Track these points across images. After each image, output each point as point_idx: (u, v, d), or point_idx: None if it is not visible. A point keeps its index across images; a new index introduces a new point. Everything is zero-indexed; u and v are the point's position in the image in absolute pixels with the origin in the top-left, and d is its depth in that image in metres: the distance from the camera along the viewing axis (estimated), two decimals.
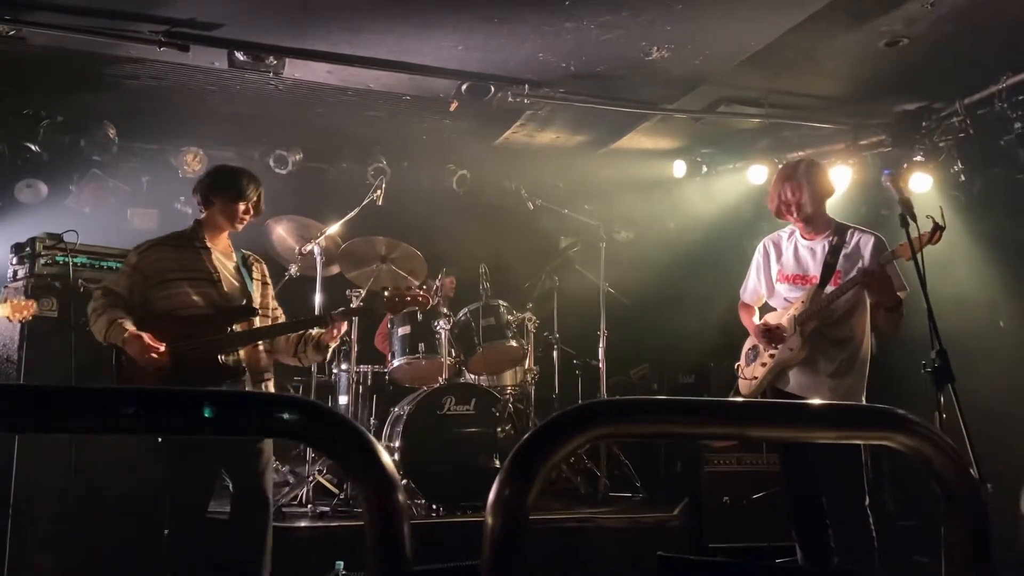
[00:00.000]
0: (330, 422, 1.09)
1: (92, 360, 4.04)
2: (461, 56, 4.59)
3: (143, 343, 3.18)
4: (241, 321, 3.45)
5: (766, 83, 5.05)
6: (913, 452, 1.24)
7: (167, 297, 3.36)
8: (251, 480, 3.36)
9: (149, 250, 3.43)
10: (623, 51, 4.48)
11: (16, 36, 4.26)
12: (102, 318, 3.27)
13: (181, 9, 4.05)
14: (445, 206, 6.55)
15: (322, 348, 3.63)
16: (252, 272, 3.65)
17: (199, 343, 3.32)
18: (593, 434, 1.18)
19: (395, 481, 1.06)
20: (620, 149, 6.26)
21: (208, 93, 5.22)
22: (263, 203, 3.65)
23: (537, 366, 5.79)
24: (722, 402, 1.29)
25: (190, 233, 3.54)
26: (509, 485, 1.10)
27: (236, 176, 3.55)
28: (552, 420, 1.15)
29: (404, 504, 1.04)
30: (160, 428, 1.06)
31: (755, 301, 3.88)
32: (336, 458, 1.18)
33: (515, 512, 1.08)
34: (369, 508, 1.05)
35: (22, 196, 5.66)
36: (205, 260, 3.47)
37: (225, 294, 3.45)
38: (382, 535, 1.04)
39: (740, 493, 4.97)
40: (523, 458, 1.12)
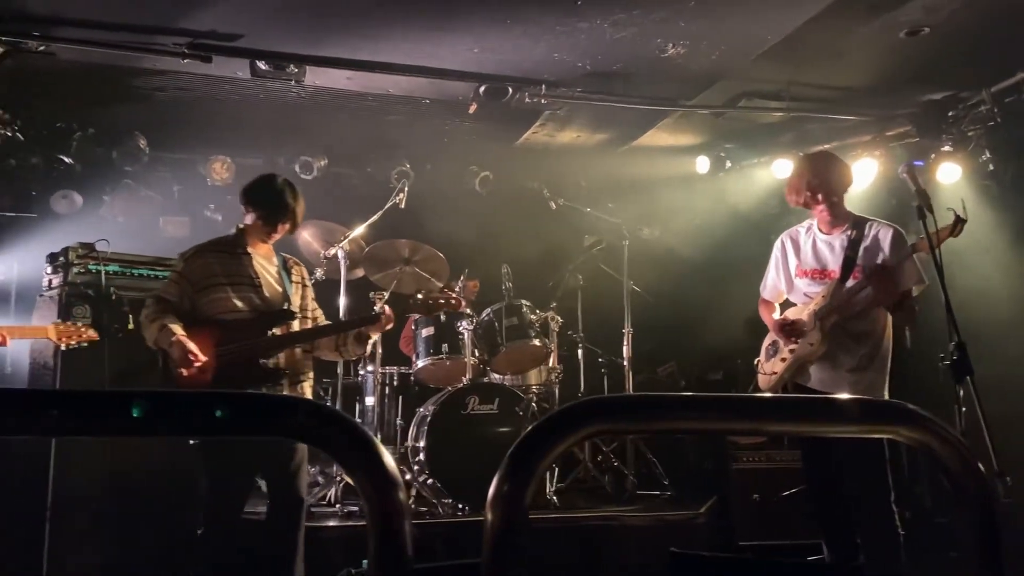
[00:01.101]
0: (331, 422, 1.12)
1: (125, 366, 4.16)
2: (477, 58, 4.62)
3: (185, 348, 3.26)
4: (280, 325, 3.54)
5: (787, 76, 5.01)
6: (920, 446, 1.24)
7: (211, 302, 3.45)
8: (285, 481, 3.42)
9: (194, 256, 3.52)
10: (638, 49, 4.47)
11: (46, 52, 4.39)
12: (153, 324, 3.36)
13: (202, 21, 4.15)
14: (468, 207, 6.59)
15: (363, 340, 3.72)
16: (291, 275, 3.74)
17: (242, 347, 3.40)
18: (590, 431, 1.20)
19: (396, 480, 1.08)
20: (641, 146, 6.24)
21: (233, 102, 5.32)
22: (301, 215, 3.73)
23: (561, 365, 5.80)
24: (720, 397, 1.30)
25: (233, 239, 3.63)
26: (507, 482, 1.12)
27: (276, 188, 3.63)
28: (548, 418, 1.17)
29: (405, 502, 1.07)
30: (171, 430, 1.10)
31: (775, 297, 3.86)
32: (338, 457, 1.21)
33: (513, 508, 1.10)
34: (371, 507, 1.07)
35: (58, 207, 5.82)
36: (247, 265, 3.56)
37: (266, 298, 3.53)
38: (383, 533, 1.07)
39: (770, 490, 4.92)
40: (521, 455, 1.14)
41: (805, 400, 1.87)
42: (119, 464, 4.08)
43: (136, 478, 4.10)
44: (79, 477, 4.01)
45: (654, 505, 5.16)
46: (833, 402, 1.47)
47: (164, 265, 4.48)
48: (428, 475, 4.73)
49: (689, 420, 1.28)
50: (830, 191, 3.53)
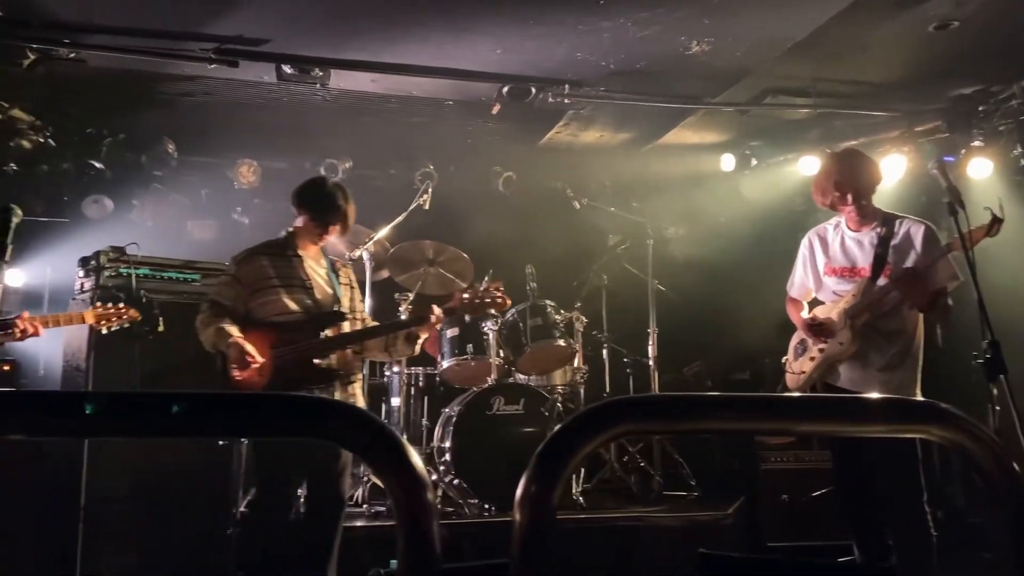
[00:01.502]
0: (360, 423, 1.12)
1: (155, 367, 4.22)
2: (500, 59, 4.63)
3: (242, 350, 3.30)
4: (332, 326, 3.57)
5: (813, 72, 4.96)
6: (953, 445, 1.23)
7: (264, 304, 3.49)
8: (328, 481, 3.46)
9: (246, 259, 3.56)
10: (662, 47, 4.46)
11: (76, 59, 4.47)
12: (209, 327, 3.40)
13: (228, 26, 4.19)
14: (491, 208, 6.60)
15: (413, 340, 3.74)
16: (340, 277, 3.77)
17: (297, 348, 3.44)
18: (618, 431, 1.19)
19: (424, 480, 1.08)
20: (666, 145, 6.21)
21: (259, 106, 5.38)
22: (352, 217, 3.77)
23: (586, 365, 5.79)
24: (751, 397, 1.28)
25: (283, 242, 3.67)
26: (535, 482, 1.12)
27: (328, 190, 3.68)
28: (575, 418, 1.17)
29: (434, 502, 1.07)
30: (204, 431, 1.12)
31: (803, 296, 3.81)
32: (367, 458, 1.22)
33: (542, 508, 1.10)
34: (399, 507, 1.07)
35: (89, 211, 5.91)
36: (298, 268, 3.60)
37: (318, 300, 3.57)
38: (412, 533, 1.07)
39: (799, 491, 4.88)
40: (549, 455, 1.14)
41: (837, 400, 1.84)
42: (150, 464, 4.12)
43: (167, 478, 4.14)
44: (112, 477, 4.06)
45: (681, 506, 5.14)
46: (865, 402, 1.46)
47: (193, 268, 4.54)
48: (454, 475, 4.74)
49: (719, 420, 1.27)
50: (858, 191, 3.47)
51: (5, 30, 4.16)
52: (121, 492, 4.08)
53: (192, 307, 4.38)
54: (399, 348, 3.76)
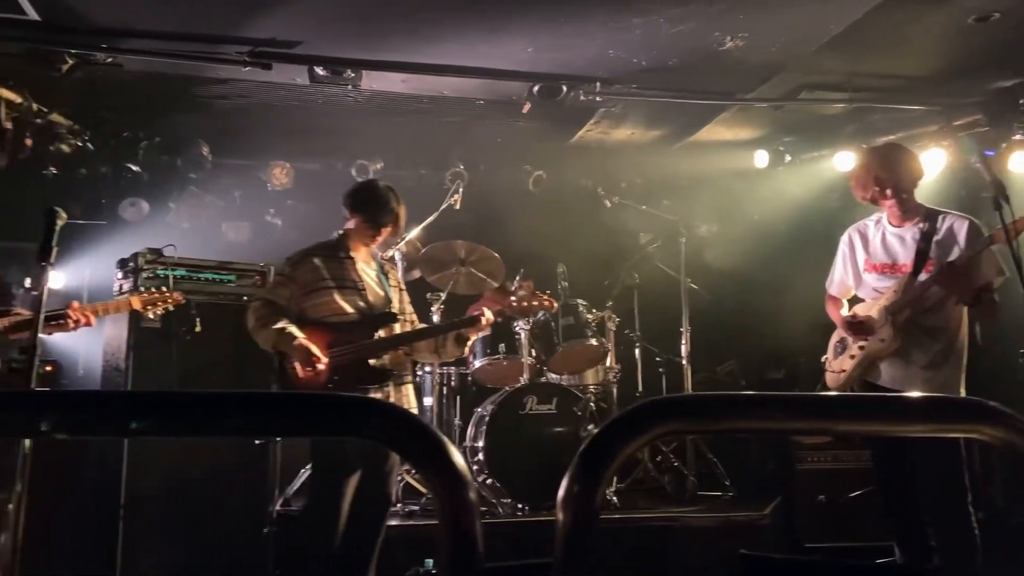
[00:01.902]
0: (403, 423, 1.12)
1: (193, 367, 4.27)
2: (531, 58, 4.61)
3: (309, 353, 3.34)
4: (385, 327, 3.61)
5: (849, 66, 4.88)
6: (1004, 445, 1.19)
7: (318, 305, 3.52)
8: (378, 480, 3.49)
9: (301, 261, 3.60)
10: (695, 43, 4.41)
11: (113, 63, 4.53)
12: (269, 327, 3.41)
13: (262, 29, 4.23)
14: (522, 207, 6.60)
15: (462, 342, 3.78)
16: (389, 279, 3.82)
17: (353, 348, 3.47)
18: (661, 430, 1.18)
19: (466, 478, 1.07)
20: (698, 142, 6.15)
21: (292, 108, 5.42)
22: (404, 219, 3.81)
23: (619, 364, 5.76)
24: (796, 396, 1.26)
25: (336, 243, 3.70)
26: (578, 482, 1.10)
27: (380, 195, 3.71)
28: (620, 417, 1.15)
29: (476, 501, 1.06)
30: (252, 430, 1.13)
31: (843, 293, 3.75)
32: (409, 457, 1.22)
33: (585, 508, 1.09)
34: (441, 505, 1.07)
35: (126, 214, 6.00)
36: (350, 269, 3.64)
37: (370, 302, 3.62)
38: (454, 532, 1.06)
39: (836, 491, 4.82)
40: (592, 455, 1.13)
41: (884, 399, 1.80)
42: (188, 463, 4.18)
43: (204, 477, 4.20)
44: (150, 476, 4.11)
45: (716, 506, 5.09)
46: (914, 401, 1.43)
47: (228, 269, 4.58)
48: (487, 475, 4.74)
49: (764, 420, 1.24)
50: (899, 185, 3.41)
51: (45, 36, 4.23)
52: (159, 491, 4.13)
53: (227, 308, 4.46)
54: (448, 350, 3.80)
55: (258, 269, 4.65)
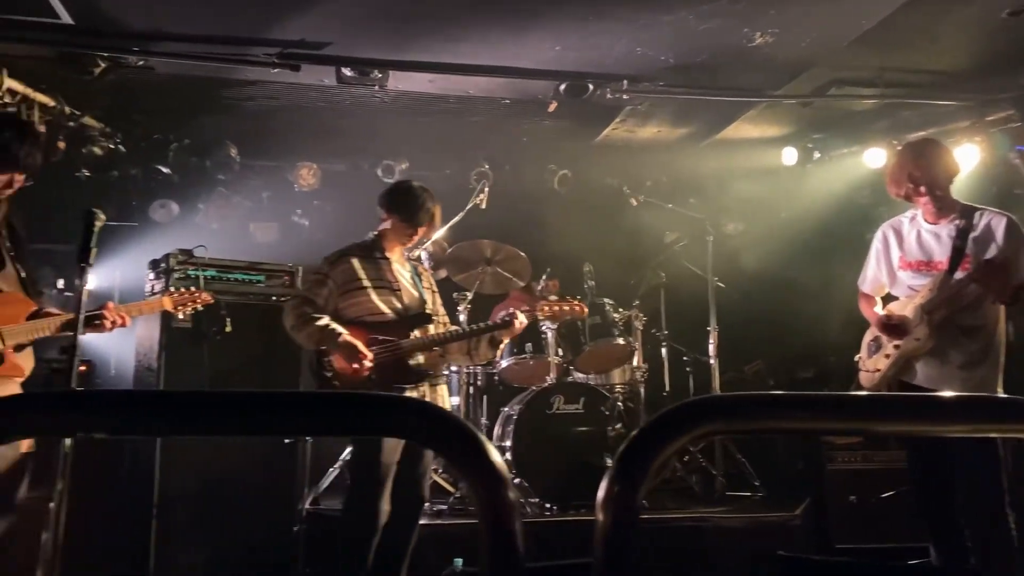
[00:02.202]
0: (441, 421, 1.12)
1: (224, 367, 4.31)
2: (558, 57, 4.60)
3: (356, 350, 3.36)
4: (420, 327, 3.63)
5: (880, 61, 4.82)
6: None
7: (354, 305, 3.54)
8: (413, 480, 3.50)
9: (338, 260, 3.61)
10: (724, 39, 4.37)
11: (145, 66, 4.59)
12: (312, 325, 3.43)
13: (292, 31, 4.26)
14: (547, 207, 6.59)
15: (496, 344, 3.80)
16: (422, 280, 3.83)
17: (392, 348, 3.49)
18: (703, 431, 1.16)
19: (506, 478, 1.07)
20: (725, 139, 6.11)
21: (319, 109, 5.46)
22: (439, 219, 3.83)
23: (646, 364, 5.73)
24: (837, 396, 1.24)
25: (371, 244, 3.72)
26: (618, 482, 1.09)
27: (415, 195, 3.71)
28: (660, 416, 1.14)
29: (515, 501, 1.06)
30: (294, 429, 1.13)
31: (876, 291, 3.70)
32: (448, 456, 1.22)
33: (625, 509, 1.08)
34: (481, 505, 1.07)
35: (156, 215, 6.08)
36: (386, 270, 3.66)
37: (405, 302, 3.63)
38: (494, 532, 1.06)
39: (867, 492, 4.77)
40: (632, 455, 1.12)
41: (927, 400, 1.77)
42: (218, 462, 4.21)
43: (234, 476, 4.23)
44: (182, 476, 4.15)
45: (746, 506, 5.04)
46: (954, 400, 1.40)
47: (258, 269, 4.62)
48: (514, 475, 4.74)
49: (807, 421, 1.23)
50: (934, 183, 3.36)
51: (78, 40, 4.29)
52: (191, 490, 4.16)
53: (256, 308, 4.50)
54: (481, 352, 3.82)
55: (287, 269, 4.68)
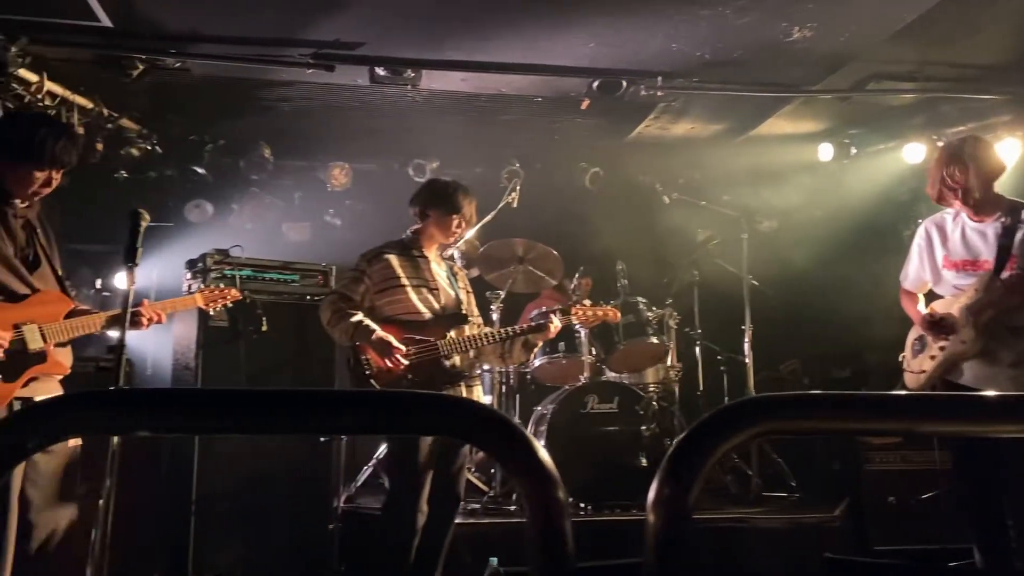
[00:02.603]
0: (491, 422, 1.11)
1: (260, 366, 4.34)
2: (592, 53, 4.57)
3: (391, 347, 3.36)
4: (456, 327, 3.61)
5: (920, 55, 4.73)
6: None
7: (391, 303, 3.53)
8: (448, 479, 3.49)
9: (376, 258, 3.60)
10: (762, 34, 4.31)
11: (181, 68, 4.63)
12: (347, 320, 3.43)
13: (326, 31, 4.27)
14: (578, 205, 6.56)
15: (529, 347, 3.79)
16: (458, 280, 3.82)
17: (428, 347, 3.48)
18: (757, 430, 1.14)
19: (555, 478, 1.06)
20: (760, 136, 6.03)
21: (351, 109, 5.48)
22: (474, 217, 3.80)
23: (680, 363, 5.68)
24: (900, 396, 1.21)
25: (408, 242, 3.70)
26: (668, 484, 1.08)
27: (451, 191, 3.69)
28: (712, 416, 1.12)
29: (565, 501, 1.05)
30: (343, 428, 1.13)
31: (918, 288, 3.62)
32: (498, 456, 1.21)
33: (676, 511, 1.07)
34: (531, 505, 1.06)
35: (191, 216, 6.15)
36: (424, 268, 3.64)
37: (442, 301, 3.62)
38: (544, 532, 1.05)
39: (906, 493, 4.69)
40: (682, 456, 1.10)
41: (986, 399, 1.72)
42: (255, 460, 4.24)
43: (271, 474, 4.26)
44: (219, 473, 4.18)
45: (783, 507, 4.97)
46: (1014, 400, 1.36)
47: (292, 269, 4.64)
48: None
49: (871, 421, 1.20)
50: (969, 190, 3.28)
51: (116, 42, 4.34)
52: (228, 488, 4.19)
53: (291, 307, 4.53)
54: (515, 354, 3.80)
55: (320, 269, 4.71)
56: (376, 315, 3.52)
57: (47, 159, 2.70)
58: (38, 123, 2.79)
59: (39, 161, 2.69)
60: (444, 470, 3.47)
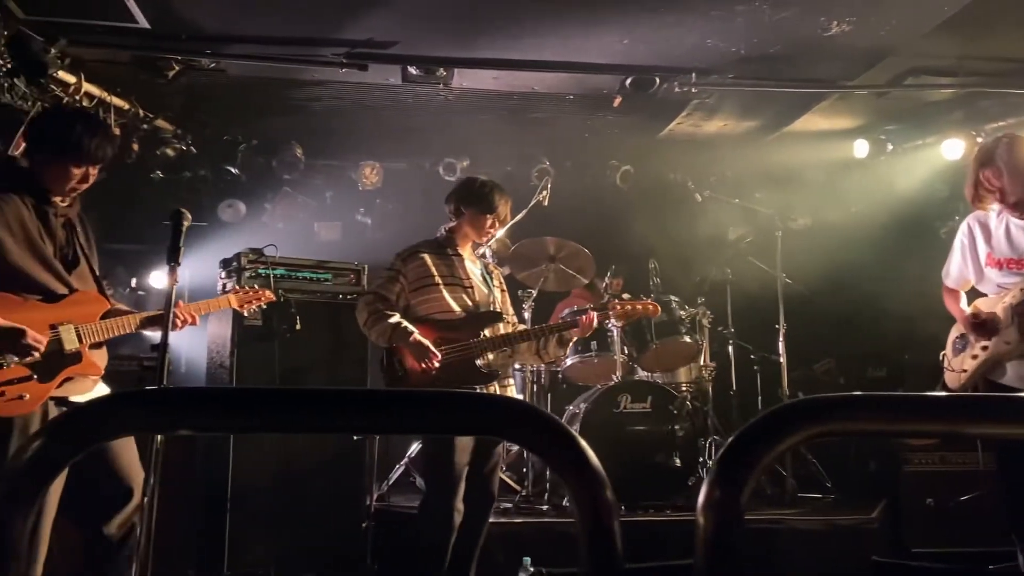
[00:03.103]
0: (539, 422, 1.10)
1: (294, 365, 4.36)
2: (626, 50, 4.54)
3: (426, 350, 3.36)
4: (491, 326, 3.61)
5: (961, 49, 4.63)
6: None
7: (425, 302, 3.53)
8: (482, 478, 3.49)
9: (411, 256, 3.60)
10: (799, 28, 4.24)
11: (216, 69, 4.67)
12: (384, 322, 3.43)
13: (360, 30, 4.28)
14: (609, 203, 6.53)
15: (564, 343, 3.77)
16: (492, 279, 3.81)
17: (461, 347, 3.48)
18: (811, 432, 1.12)
19: (604, 479, 1.05)
20: (793, 132, 5.95)
21: (383, 108, 5.49)
22: (509, 215, 3.79)
23: (714, 362, 5.63)
24: (957, 398, 1.18)
25: (443, 240, 3.70)
26: (718, 487, 1.06)
27: (486, 190, 3.68)
28: (765, 417, 1.10)
29: (614, 501, 1.04)
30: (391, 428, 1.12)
31: (961, 286, 3.55)
32: (546, 457, 1.20)
33: (727, 513, 1.05)
34: (580, 506, 1.05)
35: (224, 215, 6.20)
36: (458, 267, 3.63)
37: (476, 300, 3.61)
38: (594, 532, 1.04)
39: (945, 494, 4.61)
40: (733, 458, 1.08)
41: None
42: (289, 458, 4.27)
43: (304, 472, 4.29)
44: (254, 471, 4.21)
45: (819, 508, 4.90)
46: None
47: (325, 268, 4.66)
48: None
49: (929, 423, 1.17)
50: (1013, 185, 3.21)
51: (155, 44, 4.39)
52: (262, 485, 4.22)
53: (324, 306, 4.55)
54: (550, 351, 3.78)
55: (353, 268, 4.72)
56: (411, 314, 3.52)
57: (84, 154, 2.70)
58: (74, 119, 2.78)
59: (76, 156, 2.70)
60: (479, 469, 3.46)
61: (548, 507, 4.71)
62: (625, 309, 3.89)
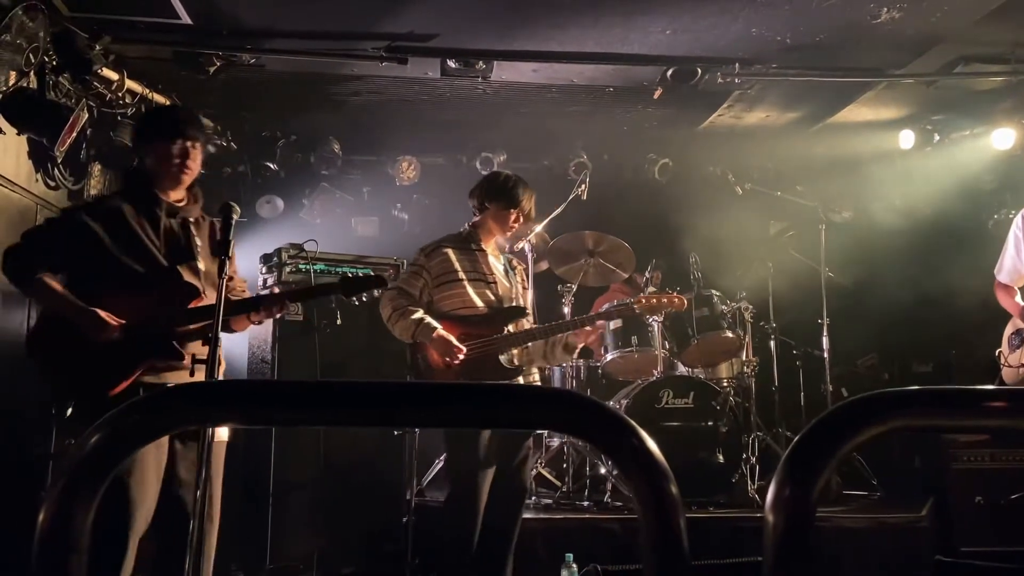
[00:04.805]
0: (600, 415, 1.08)
1: (334, 359, 4.38)
2: (669, 41, 4.47)
3: (450, 346, 3.34)
4: (514, 321, 3.58)
5: (1013, 36, 4.49)
6: None
7: (449, 297, 3.51)
8: (513, 470, 3.47)
9: (434, 251, 3.58)
10: (847, 16, 4.14)
11: (256, 64, 4.69)
12: (407, 317, 3.42)
13: (400, 24, 4.27)
14: (647, 196, 6.46)
15: (570, 348, 3.71)
16: (516, 274, 3.78)
17: (485, 342, 3.46)
18: (885, 427, 1.08)
19: (668, 473, 1.03)
20: (837, 123, 5.82)
21: (420, 103, 5.48)
22: (533, 210, 3.76)
23: (756, 357, 5.54)
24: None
25: (467, 235, 3.68)
26: (788, 484, 1.03)
27: (510, 184, 3.66)
28: (836, 412, 1.06)
29: (678, 496, 1.01)
30: (449, 421, 1.10)
31: (1014, 281, 3.46)
32: (608, 451, 1.17)
33: (797, 510, 1.02)
34: (643, 501, 1.02)
35: (262, 211, 6.24)
36: (482, 262, 3.61)
37: (499, 295, 3.59)
38: (659, 528, 1.01)
39: (995, 492, 4.48)
40: (803, 453, 1.05)
41: None
42: (329, 454, 4.28)
43: (345, 467, 4.30)
44: (295, 467, 4.24)
45: (867, 506, 4.82)
46: None
47: (364, 263, 4.68)
48: None
49: (1005, 417, 1.13)
50: None
51: (196, 39, 4.42)
52: (303, 480, 4.25)
53: (363, 301, 4.55)
54: (557, 355, 3.73)
55: (392, 263, 4.73)
56: (434, 310, 3.49)
57: (176, 129, 2.79)
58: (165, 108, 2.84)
59: (169, 133, 2.78)
60: (507, 462, 3.44)
61: (589, 503, 4.67)
62: (650, 303, 3.82)
